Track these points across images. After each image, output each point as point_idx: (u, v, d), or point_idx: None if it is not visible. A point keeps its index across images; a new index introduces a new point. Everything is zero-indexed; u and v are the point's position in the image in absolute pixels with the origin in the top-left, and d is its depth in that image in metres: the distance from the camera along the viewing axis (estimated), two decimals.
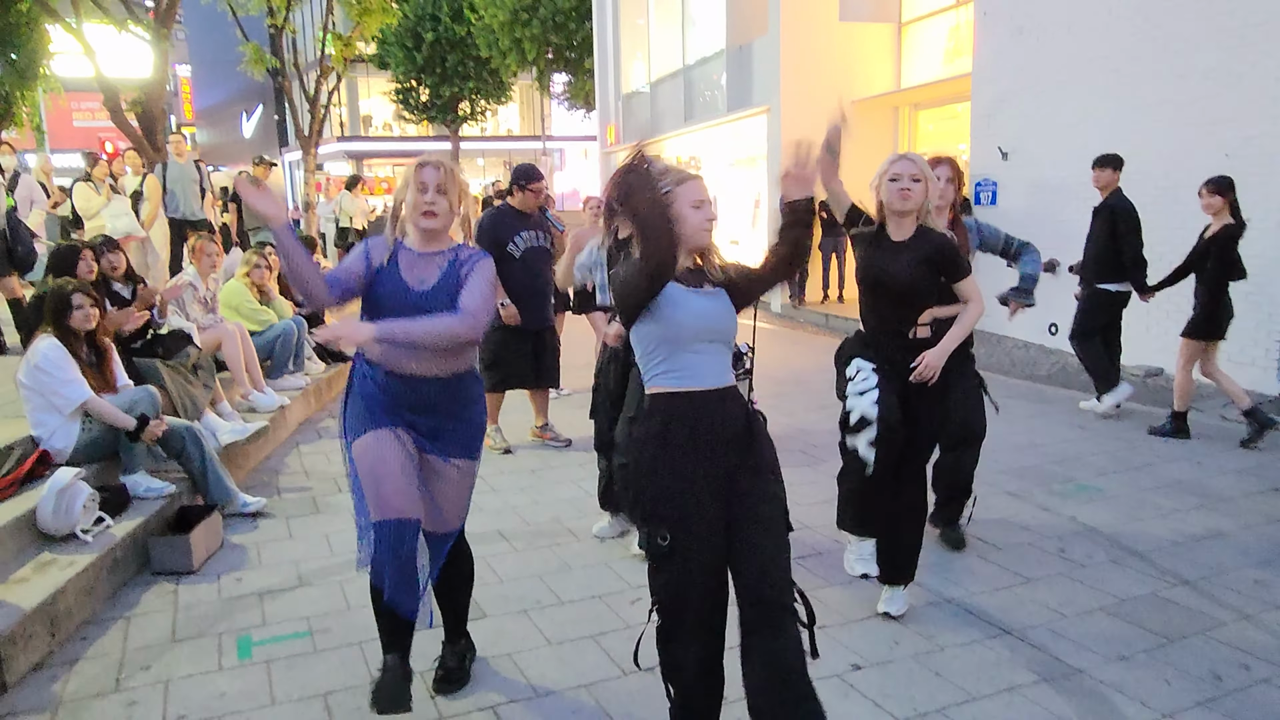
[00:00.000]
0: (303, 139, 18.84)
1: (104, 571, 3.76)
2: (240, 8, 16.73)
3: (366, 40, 21.02)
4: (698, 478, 2.36)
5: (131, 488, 4.35)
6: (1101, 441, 5.96)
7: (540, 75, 27.74)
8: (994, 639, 3.32)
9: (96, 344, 4.57)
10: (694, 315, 2.37)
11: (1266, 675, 3.04)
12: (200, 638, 3.44)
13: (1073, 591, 3.72)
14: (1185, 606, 3.57)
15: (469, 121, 33.54)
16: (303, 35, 22.07)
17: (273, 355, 6.79)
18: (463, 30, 29.24)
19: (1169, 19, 7.45)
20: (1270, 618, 3.45)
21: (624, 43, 19.28)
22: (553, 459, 5.81)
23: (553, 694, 3.00)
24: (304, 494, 5.16)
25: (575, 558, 4.17)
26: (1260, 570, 3.88)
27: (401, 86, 32.00)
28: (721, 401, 2.40)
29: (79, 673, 3.19)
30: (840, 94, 2.83)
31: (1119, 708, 2.87)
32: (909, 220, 3.33)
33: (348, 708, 2.94)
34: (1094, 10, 8.16)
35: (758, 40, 13.42)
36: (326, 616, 3.61)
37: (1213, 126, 7.17)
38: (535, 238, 5.61)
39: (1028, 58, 8.98)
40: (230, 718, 2.89)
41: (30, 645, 3.19)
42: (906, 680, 3.05)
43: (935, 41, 12.20)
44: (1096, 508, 4.70)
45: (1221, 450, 5.70)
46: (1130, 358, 8.05)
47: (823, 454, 5.64)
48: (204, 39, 40.55)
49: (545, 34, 25.61)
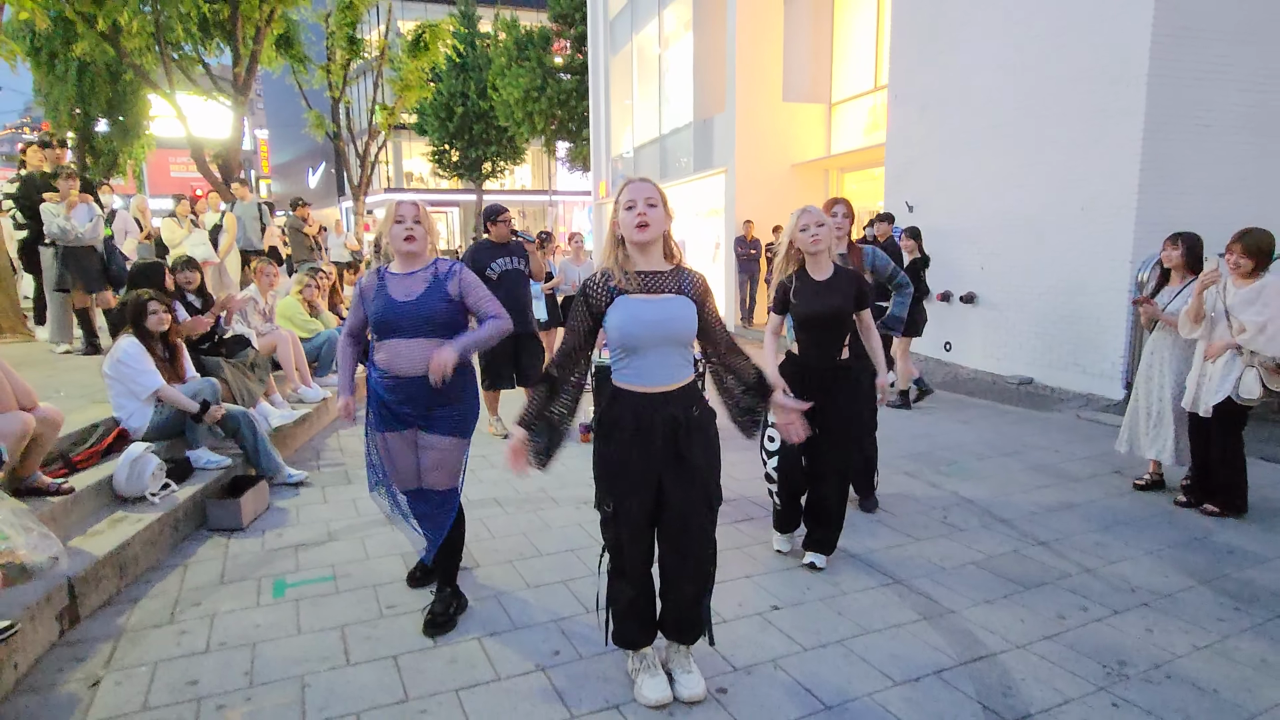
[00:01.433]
0: (354, 189, 18.74)
1: (167, 527, 3.68)
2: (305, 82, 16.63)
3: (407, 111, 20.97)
4: (638, 461, 2.34)
5: (194, 460, 4.27)
6: (980, 433, 5.97)
7: (547, 142, 27.76)
8: (886, 586, 3.30)
9: (169, 343, 4.50)
10: (644, 325, 2.28)
11: (1100, 615, 3.04)
12: (243, 580, 3.37)
13: (951, 549, 3.70)
14: (1039, 561, 3.56)
15: (490, 178, 33.46)
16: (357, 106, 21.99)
17: (319, 357, 6.70)
18: (486, 105, 29.23)
19: (1039, 100, 7.53)
20: (1107, 571, 3.45)
21: (614, 116, 19.34)
22: None
23: (528, 627, 2.95)
24: (338, 468, 5.08)
25: (555, 519, 4.12)
26: (1100, 535, 3.89)
27: (436, 149, 31.90)
28: (666, 401, 2.32)
29: (141, 608, 3.11)
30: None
31: (981, 640, 2.85)
32: (824, 259, 3.30)
33: (359, 636, 2.88)
34: (981, 92, 8.25)
35: (717, 115, 13.49)
36: (349, 564, 3.54)
37: (1072, 185, 7.24)
38: (509, 263, 5.52)
39: (929, 130, 9.06)
40: (262, 644, 2.82)
41: (101, 586, 3.12)
42: (814, 617, 3.02)
43: (857, 118, 12.30)
44: (974, 484, 4.70)
45: (1075, 441, 5.72)
46: (1006, 369, 8.11)
47: None
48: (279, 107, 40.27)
49: (552, 109, 25.66)
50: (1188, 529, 3.95)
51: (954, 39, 8.57)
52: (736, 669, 2.65)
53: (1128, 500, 4.39)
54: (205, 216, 9.23)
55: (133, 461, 3.73)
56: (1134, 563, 3.54)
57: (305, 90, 17.28)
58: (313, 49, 16.20)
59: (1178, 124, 6.61)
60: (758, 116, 12.67)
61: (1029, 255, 7.78)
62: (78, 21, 10.69)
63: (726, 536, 3.76)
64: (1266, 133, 6.87)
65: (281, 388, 5.95)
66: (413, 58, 17.35)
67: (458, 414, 2.86)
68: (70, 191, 6.34)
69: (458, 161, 31.96)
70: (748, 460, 5.17)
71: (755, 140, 12.71)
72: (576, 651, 2.77)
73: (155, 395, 4.19)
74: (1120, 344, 6.89)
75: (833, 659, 2.71)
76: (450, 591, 3.02)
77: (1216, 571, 3.44)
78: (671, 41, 16.03)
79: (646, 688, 2.43)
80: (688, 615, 2.45)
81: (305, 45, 15.68)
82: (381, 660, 2.71)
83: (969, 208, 8.50)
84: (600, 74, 19.54)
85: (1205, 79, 6.62)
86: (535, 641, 2.84)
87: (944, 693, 2.52)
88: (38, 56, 17.30)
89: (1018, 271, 7.92)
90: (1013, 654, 2.75)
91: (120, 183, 21.80)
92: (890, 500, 4.38)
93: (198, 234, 8.36)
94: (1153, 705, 2.45)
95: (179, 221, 8.20)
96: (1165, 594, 3.22)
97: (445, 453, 2.84)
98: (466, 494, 4.45)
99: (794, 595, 3.21)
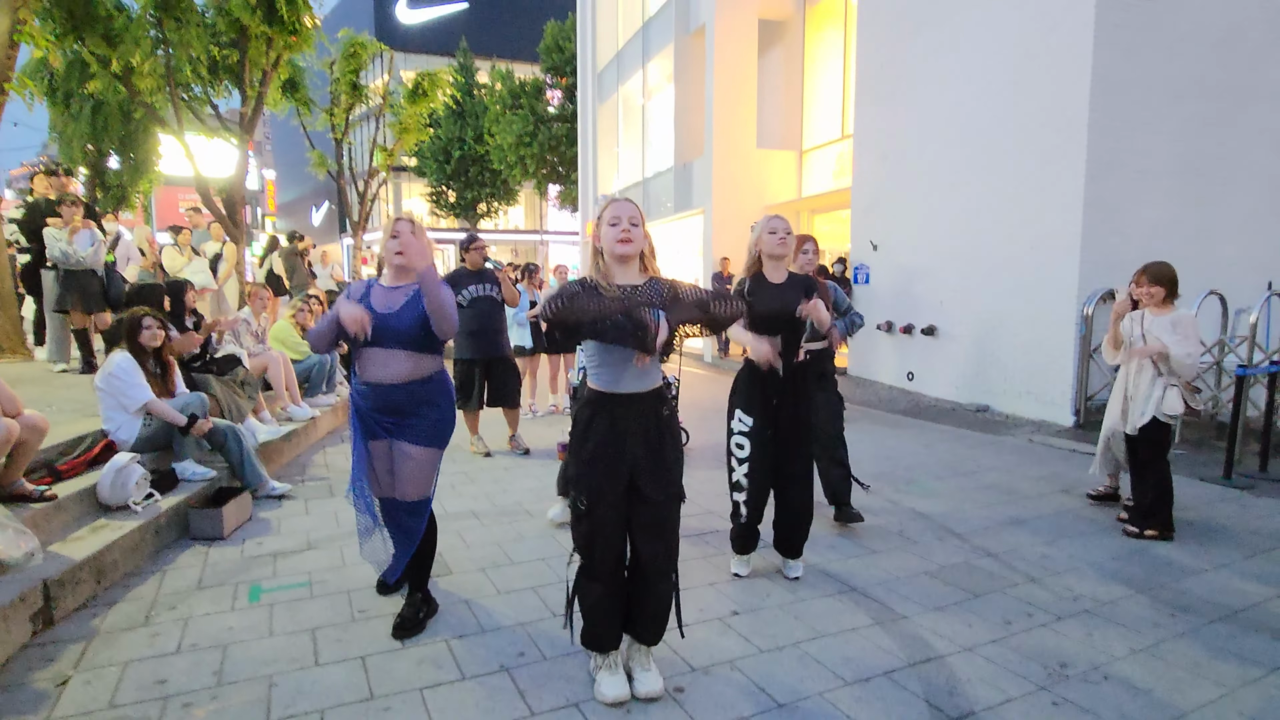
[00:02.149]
0: (354, 226, 18.77)
1: (149, 535, 3.59)
2: (309, 124, 16.75)
3: (406, 153, 21.13)
4: (610, 460, 2.33)
5: (180, 472, 4.19)
6: (939, 455, 5.99)
7: (539, 184, 28.10)
8: (843, 594, 3.28)
9: (162, 359, 4.45)
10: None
11: (1044, 621, 3.03)
12: (220, 586, 3.29)
13: (905, 560, 3.69)
14: (988, 572, 3.55)
15: (485, 218, 33.69)
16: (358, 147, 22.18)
17: (309, 378, 6.65)
18: (482, 150, 29.57)
19: (991, 147, 7.74)
20: (1051, 581, 3.45)
21: (601, 161, 19.61)
22: (523, 461, 5.71)
23: (496, 630, 2.90)
24: (322, 482, 5.00)
25: (529, 530, 4.07)
26: (1046, 547, 3.89)
27: (434, 190, 32.15)
28: (637, 403, 2.34)
29: (116, 611, 3.02)
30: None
31: (930, 642, 2.83)
32: (783, 265, 3.31)
33: (330, 638, 2.81)
34: (937, 140, 8.46)
35: (696, 160, 13.73)
36: (326, 571, 3.47)
37: (1021, 227, 7.40)
38: (482, 289, 5.50)
39: (890, 175, 9.26)
40: (233, 646, 2.75)
41: (78, 589, 3.03)
42: (772, 622, 2.98)
43: (826, 164, 12.56)
44: (930, 501, 4.70)
45: (1027, 463, 5.75)
46: (964, 397, 8.18)
47: None
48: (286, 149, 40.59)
49: (543, 153, 26.01)
50: (1129, 543, 3.97)
51: (911, 93, 8.82)
52: (694, 669, 2.61)
53: (1073, 516, 4.41)
54: (206, 246, 9.21)
55: (118, 470, 3.66)
56: (1077, 573, 3.54)
57: (309, 132, 17.39)
58: (317, 93, 16.35)
59: (1117, 170, 6.81)
60: (734, 161, 12.91)
61: (984, 291, 7.91)
62: (92, 62, 10.75)
63: (691, 546, 3.74)
64: (1199, 178, 7.08)
65: (271, 406, 5.89)
66: (412, 103, 17.55)
67: (431, 423, 2.82)
68: (74, 217, 6.31)
69: (454, 202, 32.20)
70: (713, 477, 5.17)
71: (731, 183, 12.94)
72: (541, 653, 2.71)
73: (145, 408, 4.13)
74: (1069, 373, 6.98)
75: (787, 661, 2.68)
76: (420, 597, 2.95)
77: (1154, 581, 3.45)
78: (654, 92, 16.38)
79: (605, 685, 2.39)
80: (660, 611, 2.42)
81: (310, 89, 15.82)
82: (350, 661, 2.65)
83: (929, 246, 8.65)
84: (589, 121, 19.88)
85: (1141, 129, 6.84)
86: (502, 644, 2.78)
87: (893, 692, 2.49)
88: (54, 96, 17.33)
89: (974, 306, 8.04)
90: (960, 656, 2.73)
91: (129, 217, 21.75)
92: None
93: (198, 262, 8.33)
94: (1091, 704, 2.43)
95: (180, 250, 8.17)
96: (1106, 601, 3.22)
97: (419, 463, 2.79)
98: (445, 507, 4.43)
99: (753, 602, 3.18)
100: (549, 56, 26.65)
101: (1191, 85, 6.95)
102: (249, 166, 16.39)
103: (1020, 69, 7.35)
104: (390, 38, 25.68)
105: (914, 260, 8.86)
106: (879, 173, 9.47)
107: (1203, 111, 7.01)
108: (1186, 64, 6.92)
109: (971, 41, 7.91)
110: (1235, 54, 7.05)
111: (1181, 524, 4.21)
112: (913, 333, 8.89)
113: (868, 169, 9.70)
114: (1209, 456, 5.77)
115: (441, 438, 2.87)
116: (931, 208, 8.56)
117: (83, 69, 14.37)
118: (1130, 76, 6.75)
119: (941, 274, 8.48)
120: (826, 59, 12.80)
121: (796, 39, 13.18)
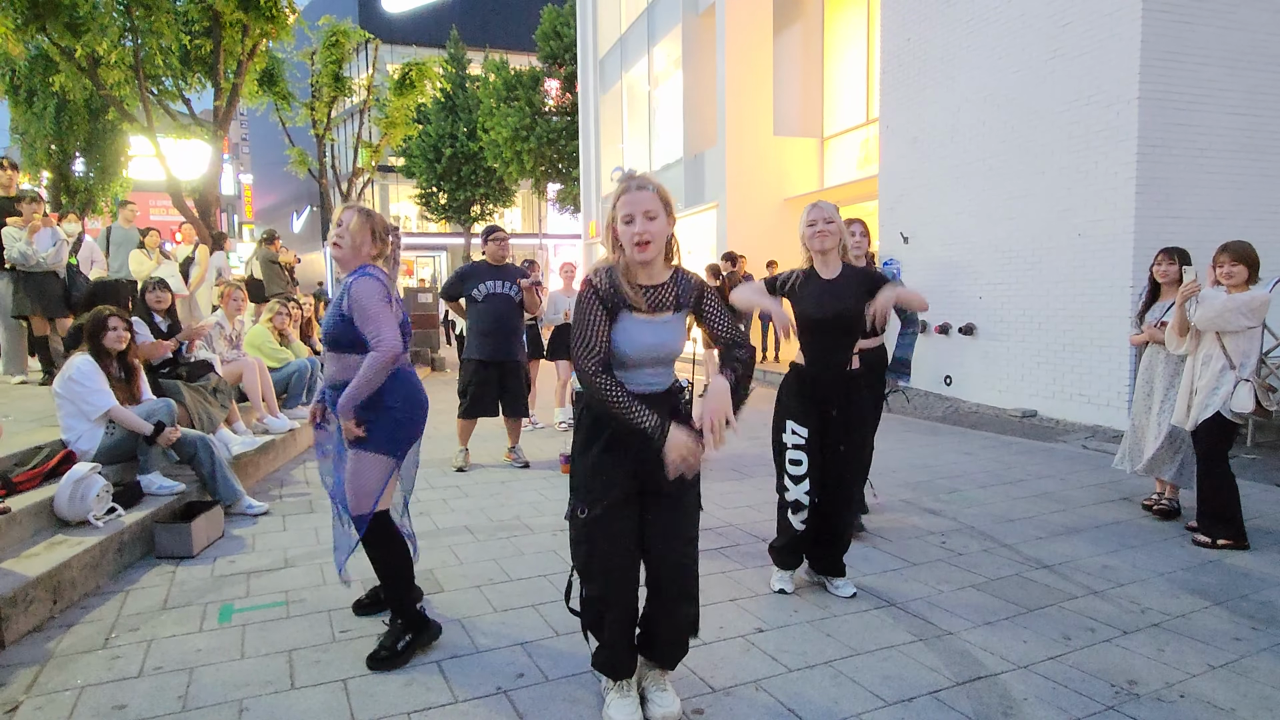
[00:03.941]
0: None
1: (110, 552, 3.55)
2: (288, 119, 16.88)
3: (393, 150, 21.28)
4: (616, 467, 2.28)
5: (145, 485, 4.16)
6: (983, 464, 5.91)
7: (537, 182, 28.23)
8: (880, 609, 3.20)
9: (127, 363, 4.44)
10: (639, 348, 2.24)
11: (1109, 636, 2.94)
12: (188, 606, 3.24)
13: (949, 573, 3.61)
14: (1043, 584, 3.47)
15: (480, 221, 33.88)
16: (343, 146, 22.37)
17: (288, 388, 6.64)
18: (475, 147, 29.78)
19: (1029, 129, 7.69)
20: (1115, 593, 3.36)
21: (604, 154, 19.70)
22: (521, 474, 5.65)
23: (493, 650, 2.83)
24: (302, 498, 4.96)
25: (529, 545, 4.01)
26: (1108, 558, 3.80)
27: (424, 192, 32.37)
28: (648, 403, 2.25)
29: (73, 634, 2.98)
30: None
31: (980, 660, 2.75)
32: (833, 257, 3.22)
33: (308, 660, 2.75)
34: (970, 123, 8.42)
35: (708, 150, 13.74)
36: (303, 590, 3.42)
37: (1066, 213, 7.34)
38: (499, 286, 5.47)
39: (921, 163, 9.22)
40: (201, 669, 2.69)
41: (31, 610, 2.99)
42: (801, 639, 2.91)
43: (850, 152, 12.55)
44: (975, 511, 4.61)
45: (1081, 470, 5.66)
46: (1008, 402, 8.09)
47: (748, 472, 5.55)
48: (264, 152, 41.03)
49: (541, 149, 26.16)
50: (1200, 552, 3.87)
51: (942, 72, 8.80)
52: (715, 690, 2.54)
53: (1135, 526, 4.31)
54: (177, 249, 9.26)
55: (76, 481, 3.63)
56: (1144, 585, 3.44)
57: (288, 128, 17.55)
58: (297, 86, 16.50)
59: (1172, 147, 6.75)
60: (749, 151, 12.92)
61: (1026, 285, 7.83)
62: (55, 53, 10.88)
63: (712, 562, 3.68)
64: (1263, 155, 7.01)
65: (247, 418, 5.87)
66: (399, 96, 17.68)
67: (377, 423, 2.69)
68: (34, 215, 6.35)
69: (446, 204, 32.40)
70: (733, 490, 5.12)
71: (746, 175, 12.93)
72: (542, 674, 2.65)
73: (107, 416, 4.11)
74: (1124, 372, 6.88)
75: (819, 680, 2.60)
76: (401, 624, 2.79)
77: (1231, 593, 3.35)
78: (661, 79, 16.45)
79: (616, 709, 2.32)
80: (681, 635, 2.36)
81: (289, 83, 15.97)
82: (329, 684, 2.59)
83: (964, 238, 8.59)
84: (590, 113, 19.99)
85: (1198, 103, 6.78)
86: (499, 664, 2.72)
87: (939, 713, 2.40)
88: (15, 94, 17.58)
89: (1016, 301, 7.96)
90: (1014, 674, 2.65)
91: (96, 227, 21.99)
92: (885, 527, 4.29)
93: (166, 265, 8.35)
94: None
95: (147, 253, 8.20)
96: (1177, 615, 3.12)
97: (352, 470, 2.70)
98: (436, 523, 4.39)
99: (780, 618, 3.10)
100: (546, 44, 26.88)
101: (1253, 54, 6.89)
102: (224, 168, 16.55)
103: (1061, 41, 7.31)
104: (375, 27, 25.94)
105: (948, 253, 8.80)
106: (908, 159, 9.44)
107: (1266, 83, 6.94)
108: (1247, 31, 6.87)
109: (1006, 12, 7.89)
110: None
111: (1258, 533, 4.11)
112: (949, 332, 8.81)
113: (895, 156, 9.67)
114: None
115: (376, 442, 2.69)
116: (967, 195, 8.51)
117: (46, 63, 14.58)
118: (1184, 46, 6.70)
119: (979, 267, 8.41)
120: (848, 37, 12.82)
121: (815, 16, 13.21)
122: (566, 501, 4.80)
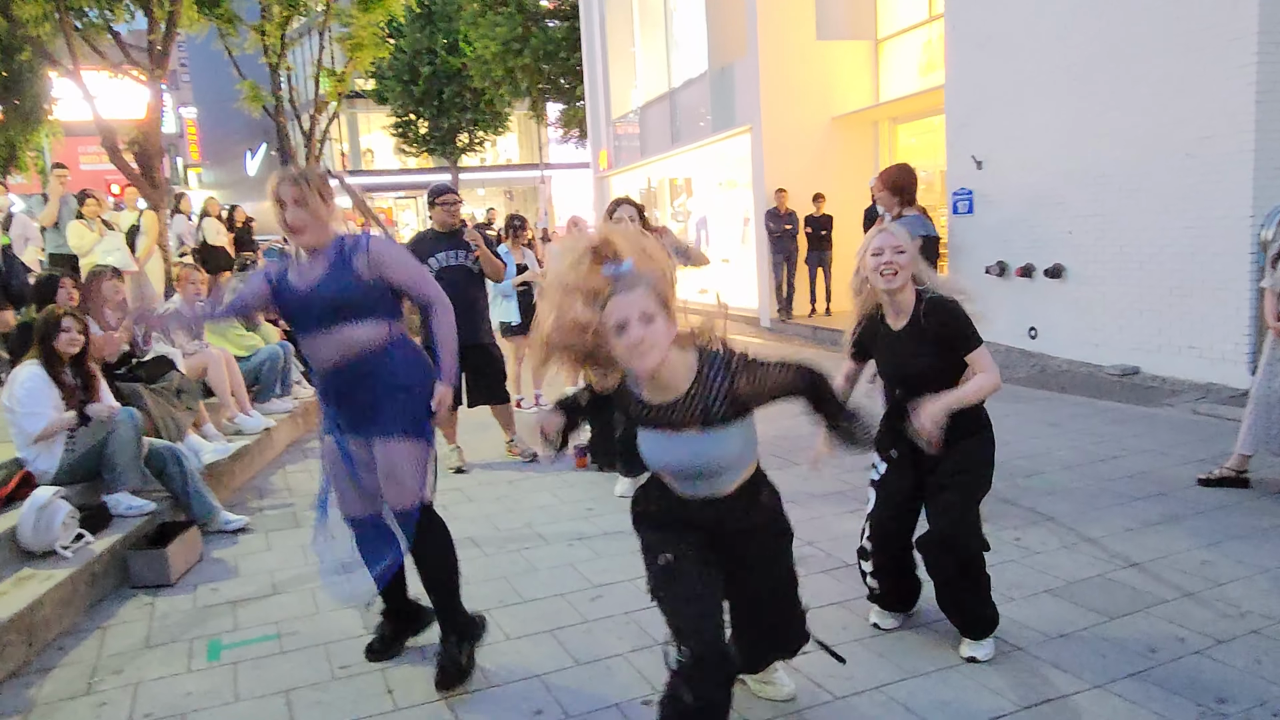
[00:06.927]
0: None
1: (82, 585, 3.87)
2: (236, 47, 17.01)
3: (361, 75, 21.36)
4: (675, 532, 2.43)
5: (112, 506, 4.46)
6: (1072, 438, 6.03)
7: (534, 104, 28.14)
8: (937, 623, 3.38)
9: (83, 368, 4.68)
10: (665, 466, 2.36)
11: (1200, 647, 3.11)
12: (172, 643, 3.55)
13: (1022, 576, 3.79)
14: (1130, 586, 3.64)
15: (468, 152, 33.91)
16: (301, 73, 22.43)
17: (259, 379, 6.93)
18: (458, 63, 29.68)
19: (1123, 27, 7.60)
20: (1211, 594, 3.52)
21: (613, 69, 19.57)
22: (531, 471, 5.90)
23: (507, 684, 3.09)
24: (286, 510, 5.27)
25: (542, 560, 4.27)
26: (1207, 552, 3.95)
27: (400, 120, 32.45)
28: (712, 507, 2.40)
29: (54, 678, 3.29)
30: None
31: (1052, 680, 2.94)
32: (903, 298, 3.05)
33: (307, 701, 3.04)
34: (1053, 20, 8.32)
35: (738, 62, 13.63)
36: (296, 620, 3.71)
37: (1172, 128, 7.29)
38: (453, 256, 5.61)
39: (995, 69, 9.14)
40: (194, 715, 2.99)
41: (6, 654, 3.30)
42: (848, 661, 3.12)
43: (910, 56, 12.39)
44: (1056, 499, 4.77)
45: (1189, 442, 5.76)
46: (1105, 357, 8.15)
47: (795, 456, 5.73)
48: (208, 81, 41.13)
49: (537, 63, 25.99)
50: None
51: None
52: None
53: (1244, 510, 4.45)
54: (121, 217, 9.56)
55: (39, 509, 3.93)
56: (1246, 583, 3.60)
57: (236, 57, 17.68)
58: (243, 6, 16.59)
59: None
60: (787, 61, 12.78)
61: (1125, 216, 7.83)
62: None
63: None
64: None
65: (215, 416, 6.17)
66: (364, 10, 17.70)
67: (399, 405, 2.94)
68: None
69: (427, 134, 32.45)
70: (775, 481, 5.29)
71: (785, 90, 12.83)
72: (563, 709, 2.90)
73: (40, 436, 4.33)
74: (1244, 319, 6.91)
75: (867, 708, 2.82)
76: (455, 639, 3.09)
77: None
78: None
79: None
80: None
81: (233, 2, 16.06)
82: None
83: (1049, 161, 8.56)
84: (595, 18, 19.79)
85: None
86: (514, 700, 2.98)
87: None
88: None
89: (1112, 237, 7.97)
90: (1088, 695, 2.84)
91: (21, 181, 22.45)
92: None
93: (111, 238, 8.64)
94: None
95: (89, 224, 8.48)
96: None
97: (396, 458, 2.95)
98: None
99: (825, 637, 3.31)
100: None
101: None
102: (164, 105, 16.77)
103: None
104: None
105: (1030, 180, 8.78)
106: (980, 66, 9.35)
107: None
108: None
109: None
110: None
111: None
112: (1033, 275, 8.84)
113: (965, 61, 9.58)
114: None
115: (416, 420, 2.99)
116: (1051, 110, 8.45)
117: None
118: None
119: (1067, 197, 8.39)
120: None
121: None
122: (580, 503, 5.08)
